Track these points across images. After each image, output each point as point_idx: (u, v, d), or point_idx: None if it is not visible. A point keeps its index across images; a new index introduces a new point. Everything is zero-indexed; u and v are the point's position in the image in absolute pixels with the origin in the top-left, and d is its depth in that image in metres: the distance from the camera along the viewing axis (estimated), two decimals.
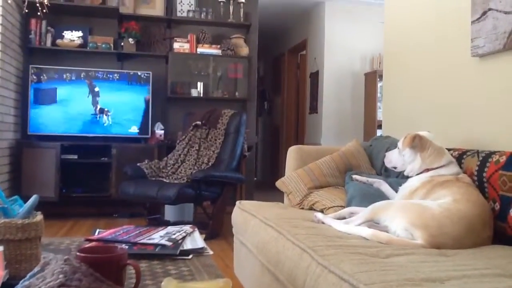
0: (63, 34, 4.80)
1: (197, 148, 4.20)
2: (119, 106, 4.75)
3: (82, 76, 4.68)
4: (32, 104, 4.54)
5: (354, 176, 2.26)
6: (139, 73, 4.83)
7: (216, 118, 4.27)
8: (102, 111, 4.70)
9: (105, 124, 4.70)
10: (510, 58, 2.05)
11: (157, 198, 3.52)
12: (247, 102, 5.39)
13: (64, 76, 4.64)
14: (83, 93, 4.67)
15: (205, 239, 1.70)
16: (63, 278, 0.87)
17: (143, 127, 4.81)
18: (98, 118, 4.69)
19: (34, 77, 4.55)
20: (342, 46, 6.35)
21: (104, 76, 4.74)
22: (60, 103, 4.62)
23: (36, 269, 0.95)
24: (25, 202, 1.34)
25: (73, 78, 4.66)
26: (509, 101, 2.06)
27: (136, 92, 4.80)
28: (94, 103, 4.69)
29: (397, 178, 2.23)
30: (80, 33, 4.85)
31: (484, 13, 2.15)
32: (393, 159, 2.02)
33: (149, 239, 1.60)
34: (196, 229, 1.78)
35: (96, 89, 4.70)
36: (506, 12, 2.01)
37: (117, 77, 4.77)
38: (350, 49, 6.36)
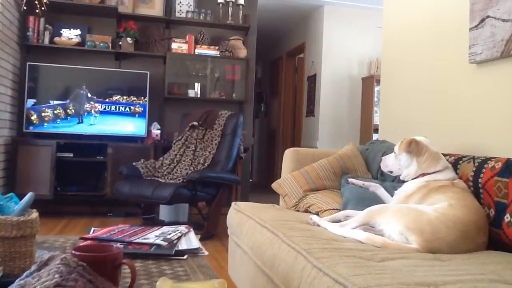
0: (61, 32, 4.80)
1: (193, 148, 4.20)
2: (116, 106, 4.74)
3: (79, 74, 4.67)
4: (28, 102, 4.52)
5: (350, 180, 2.27)
6: (136, 73, 4.83)
7: (213, 119, 4.27)
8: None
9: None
10: (507, 66, 2.06)
11: (153, 198, 3.51)
12: (244, 104, 5.40)
13: (61, 74, 4.63)
14: (79, 91, 4.66)
15: (200, 240, 1.70)
16: (58, 278, 0.86)
17: (140, 127, 4.80)
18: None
19: (31, 75, 4.54)
20: (340, 50, 6.37)
21: (101, 75, 4.73)
22: (57, 101, 4.61)
23: (33, 268, 0.95)
24: (19, 200, 1.33)
25: (70, 76, 4.65)
26: (505, 108, 2.07)
27: (133, 92, 4.79)
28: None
29: (392, 182, 2.24)
30: (78, 32, 4.84)
31: (482, 20, 2.17)
32: (389, 163, 2.03)
33: (144, 239, 1.59)
34: (191, 229, 1.78)
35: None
36: (504, 20, 2.03)
37: (115, 77, 4.76)
38: (347, 53, 6.38)
